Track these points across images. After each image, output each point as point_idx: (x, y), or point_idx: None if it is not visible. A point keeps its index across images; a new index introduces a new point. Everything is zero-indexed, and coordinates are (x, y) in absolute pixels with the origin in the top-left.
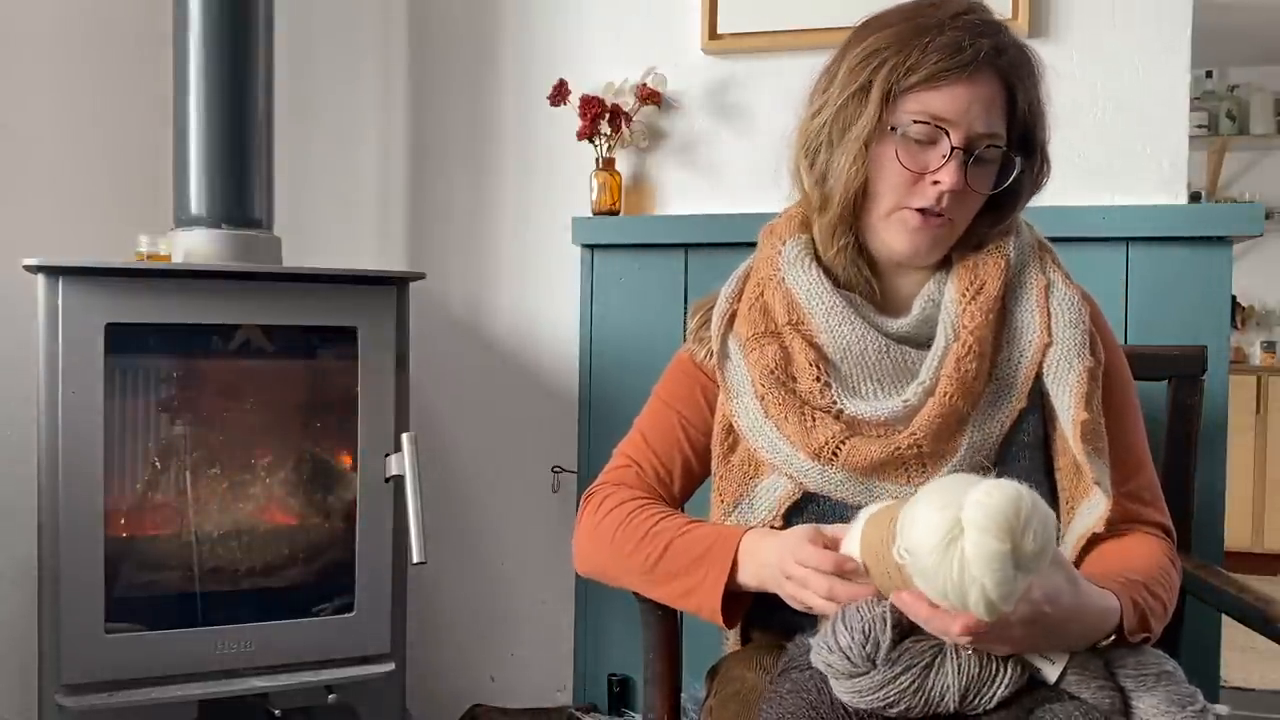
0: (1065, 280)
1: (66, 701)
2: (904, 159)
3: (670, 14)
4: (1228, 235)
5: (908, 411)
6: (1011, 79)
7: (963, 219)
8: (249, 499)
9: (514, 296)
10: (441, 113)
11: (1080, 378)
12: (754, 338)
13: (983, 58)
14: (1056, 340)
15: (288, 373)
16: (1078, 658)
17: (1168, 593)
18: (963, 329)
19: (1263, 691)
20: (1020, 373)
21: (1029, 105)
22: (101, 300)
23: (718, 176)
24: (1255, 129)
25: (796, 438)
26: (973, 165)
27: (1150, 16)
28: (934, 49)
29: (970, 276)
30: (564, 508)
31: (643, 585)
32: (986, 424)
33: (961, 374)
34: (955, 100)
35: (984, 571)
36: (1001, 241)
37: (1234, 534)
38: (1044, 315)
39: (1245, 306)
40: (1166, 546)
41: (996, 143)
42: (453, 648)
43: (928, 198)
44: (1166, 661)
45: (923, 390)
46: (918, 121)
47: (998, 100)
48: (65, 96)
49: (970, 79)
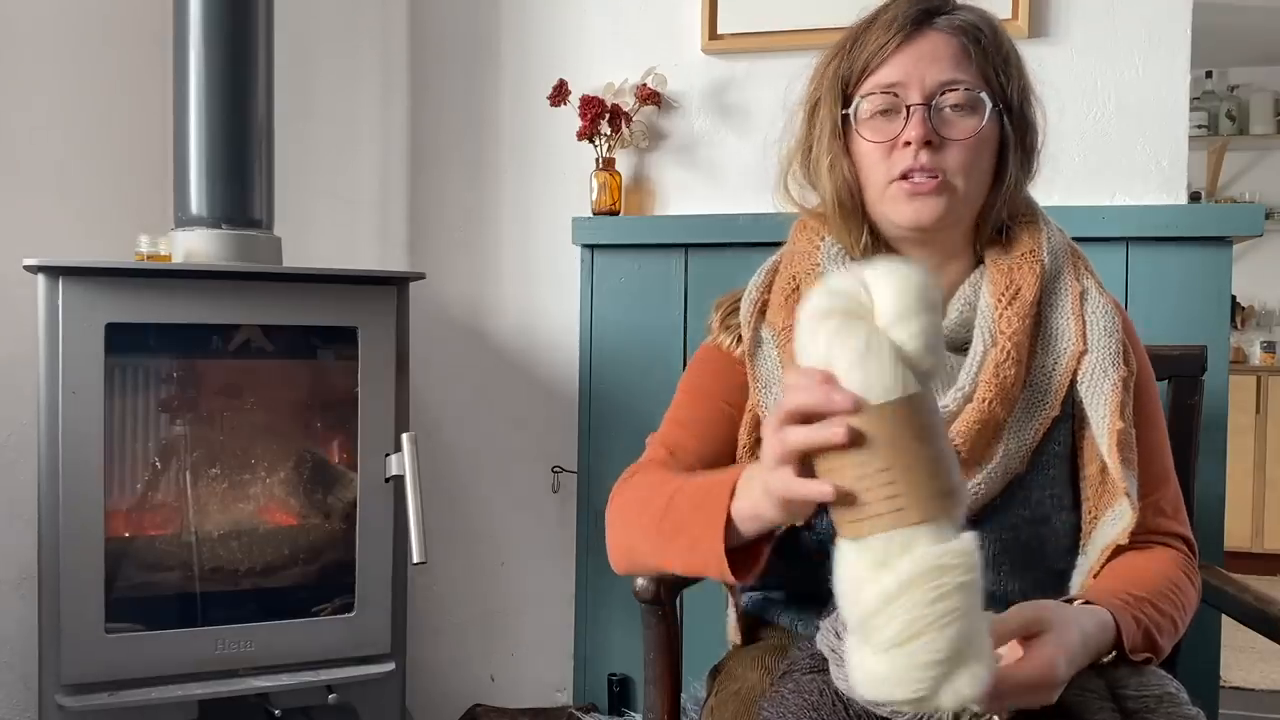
0: (1099, 288)
1: (66, 701)
2: (872, 135)
3: (670, 14)
4: (1228, 235)
5: (945, 417)
6: (959, 33)
7: (961, 178)
8: (249, 499)
9: (514, 297)
10: (441, 113)
11: (1115, 386)
12: (788, 329)
13: (921, 19)
14: (1092, 348)
15: (288, 373)
16: (1079, 679)
17: (1177, 609)
18: (1000, 334)
19: (1263, 691)
20: (1055, 380)
21: (986, 53)
22: (101, 300)
23: (718, 176)
24: (1255, 129)
25: None
26: (943, 114)
27: (1150, 17)
28: (873, 31)
29: (1006, 281)
30: (564, 508)
31: (655, 552)
32: (1021, 431)
33: (1000, 380)
34: (902, 64)
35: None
36: (1034, 244)
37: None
38: (1079, 323)
39: (1245, 306)
40: (1184, 560)
41: (956, 86)
42: (453, 648)
43: (906, 160)
44: (1169, 683)
45: (961, 396)
46: (870, 94)
47: (949, 53)
48: (65, 96)
49: (911, 41)
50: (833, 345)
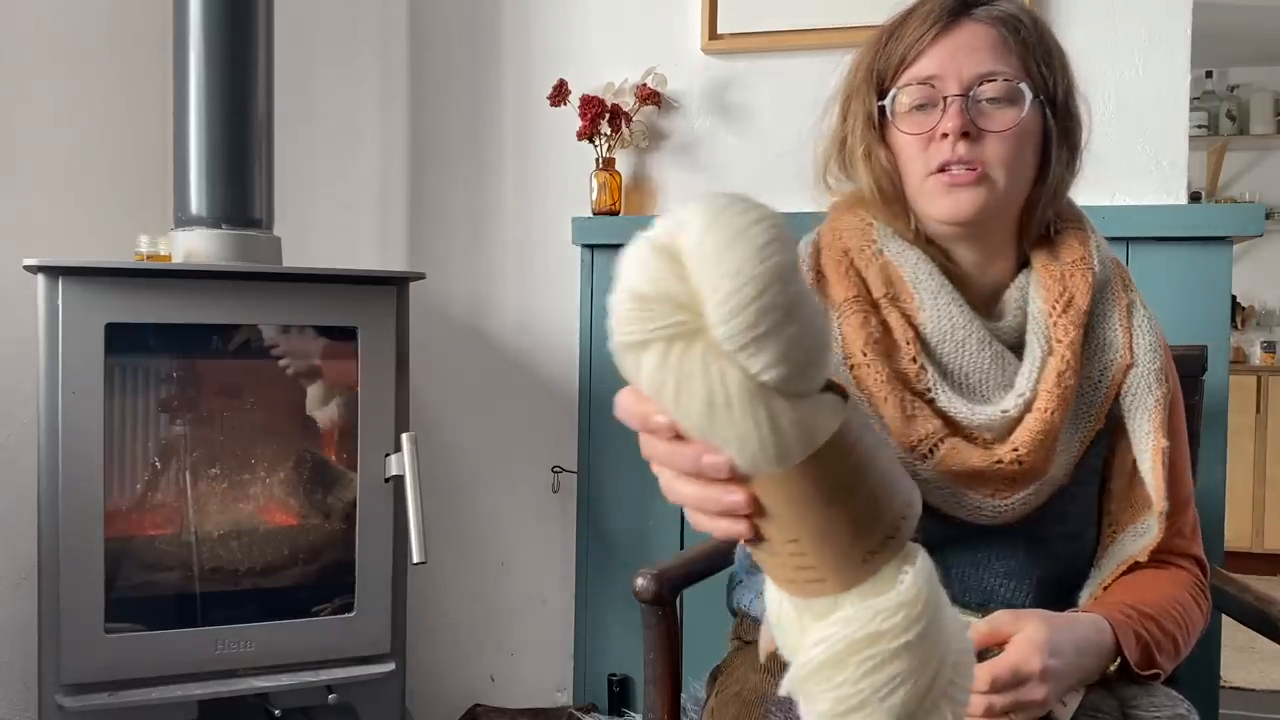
0: (1143, 302)
1: (66, 701)
2: (908, 128)
3: (670, 14)
4: (1228, 235)
5: (1005, 423)
6: (998, 24)
7: (1000, 170)
8: (249, 499)
9: (514, 296)
10: (441, 113)
11: (1158, 403)
12: (852, 300)
13: (958, 10)
14: (1138, 361)
15: (288, 372)
16: (1090, 699)
17: (1181, 629)
18: (1056, 342)
19: (1263, 692)
20: (1100, 392)
21: (1026, 45)
22: (101, 300)
23: (718, 176)
24: (1255, 129)
25: (893, 424)
26: (982, 105)
27: (1150, 16)
28: (910, 23)
29: (1059, 287)
30: (564, 508)
31: None
32: (1069, 444)
33: (1063, 390)
34: (939, 56)
35: None
36: (1084, 251)
37: (1234, 534)
38: (1127, 335)
39: (1245, 306)
40: (1194, 583)
41: (994, 77)
42: (453, 648)
43: (944, 152)
44: (1180, 704)
45: (1023, 402)
46: (906, 85)
47: (987, 44)
48: (65, 96)
49: (949, 32)
50: (664, 393)
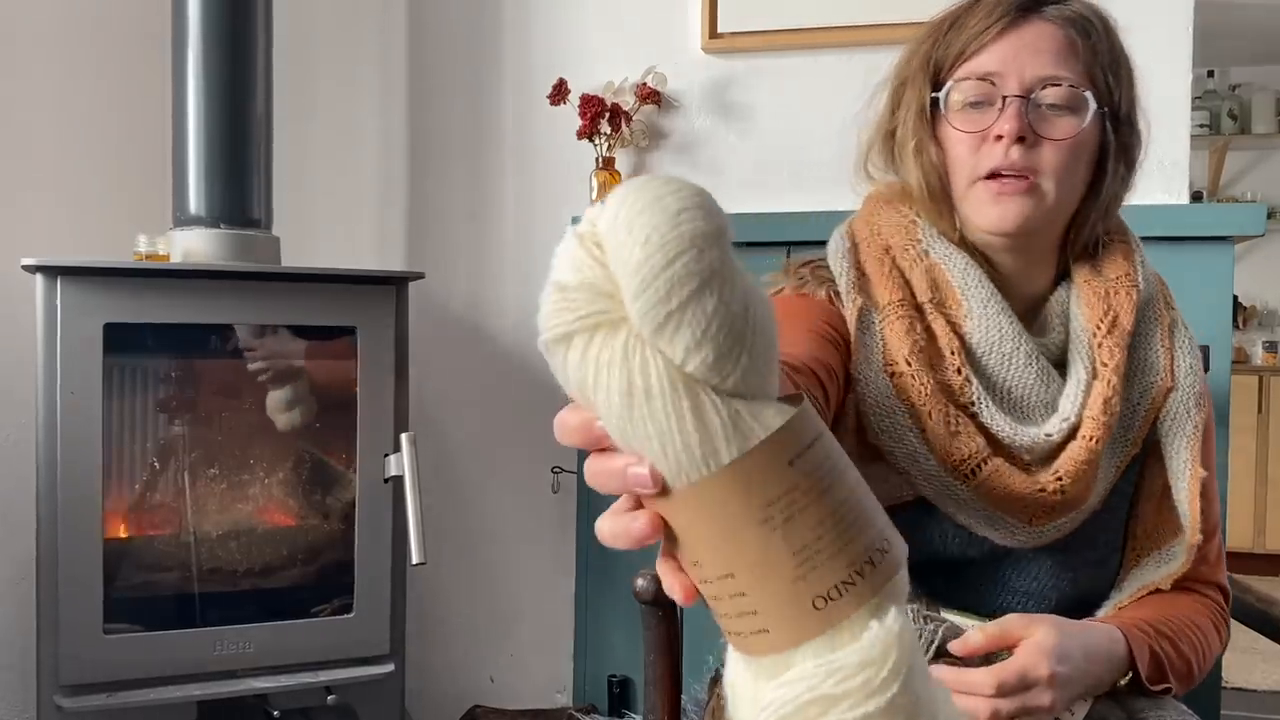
0: (1183, 320)
1: (65, 702)
2: (961, 125)
3: (670, 14)
4: (1229, 235)
5: (1048, 447)
6: (1068, 25)
7: (1052, 182)
8: (248, 499)
9: (514, 296)
10: (441, 113)
11: (1197, 429)
12: (897, 304)
13: (1028, 6)
14: (1178, 385)
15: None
16: (1098, 709)
17: (1196, 653)
18: (1101, 365)
19: (1264, 692)
20: (1139, 415)
21: (1095, 51)
22: (100, 300)
23: (718, 176)
24: (1257, 128)
25: (935, 439)
26: (1040, 111)
27: (1151, 16)
28: (975, 14)
29: (1102, 305)
30: (564, 508)
31: None
32: (1108, 469)
33: (1109, 418)
34: (1001, 52)
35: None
36: (1129, 268)
37: (1235, 534)
38: (1169, 356)
39: (1247, 306)
40: (1215, 610)
41: (1059, 82)
42: (453, 648)
43: (995, 157)
44: (1189, 717)
45: (1067, 427)
46: (963, 79)
47: (1054, 45)
48: (65, 96)
49: (1014, 29)
50: (586, 389)
